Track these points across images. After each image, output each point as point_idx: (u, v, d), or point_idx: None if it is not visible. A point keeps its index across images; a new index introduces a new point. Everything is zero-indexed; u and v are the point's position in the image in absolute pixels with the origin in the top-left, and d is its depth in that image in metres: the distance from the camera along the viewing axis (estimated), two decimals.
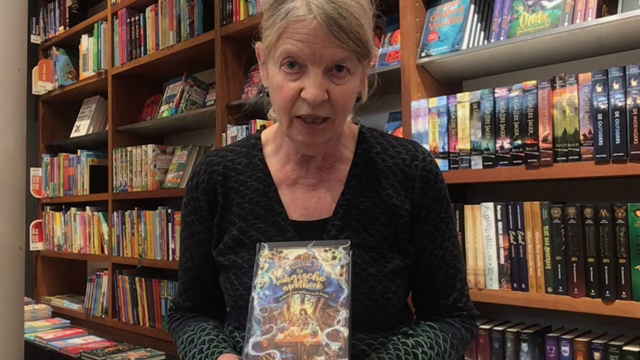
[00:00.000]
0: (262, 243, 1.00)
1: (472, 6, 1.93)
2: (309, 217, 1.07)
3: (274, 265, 0.97)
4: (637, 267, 1.50)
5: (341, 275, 0.94)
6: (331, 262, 0.95)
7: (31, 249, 3.82)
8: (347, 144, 1.11)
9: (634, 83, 1.50)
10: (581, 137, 1.59)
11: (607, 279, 1.54)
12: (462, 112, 1.83)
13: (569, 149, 1.61)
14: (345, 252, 0.96)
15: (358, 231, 1.05)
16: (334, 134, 1.02)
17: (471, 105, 1.81)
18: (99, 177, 3.46)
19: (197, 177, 1.13)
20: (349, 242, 0.97)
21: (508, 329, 1.75)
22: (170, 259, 2.87)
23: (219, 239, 1.10)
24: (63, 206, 3.73)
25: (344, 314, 0.91)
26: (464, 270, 1.13)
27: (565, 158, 1.61)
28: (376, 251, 1.04)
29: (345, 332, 0.89)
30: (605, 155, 1.54)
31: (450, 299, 1.10)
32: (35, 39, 3.93)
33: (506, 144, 1.73)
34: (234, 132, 2.53)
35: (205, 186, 1.11)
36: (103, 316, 3.32)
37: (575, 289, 1.59)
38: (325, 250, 0.97)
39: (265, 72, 1.05)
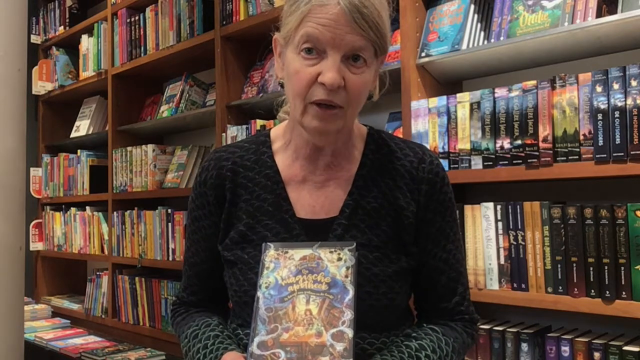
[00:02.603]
0: (268, 243, 1.00)
1: (472, 6, 1.93)
2: (316, 216, 1.07)
3: (280, 265, 0.97)
4: (637, 267, 1.50)
5: (346, 276, 0.94)
6: (336, 263, 0.96)
7: (31, 249, 3.81)
8: (356, 144, 1.12)
9: (634, 83, 1.50)
10: (581, 137, 1.59)
11: (607, 279, 1.54)
12: (462, 112, 1.83)
13: (569, 149, 1.61)
14: (350, 254, 0.96)
15: (363, 231, 1.05)
16: (345, 125, 1.03)
17: (471, 105, 1.81)
18: (99, 177, 3.46)
19: (205, 172, 1.13)
20: (355, 244, 0.97)
21: (508, 329, 1.75)
22: (170, 259, 2.87)
23: (226, 234, 1.11)
24: (63, 206, 3.73)
25: (348, 315, 0.91)
26: (466, 275, 1.14)
27: (565, 158, 1.61)
28: (381, 251, 1.05)
29: (349, 333, 0.90)
30: (605, 155, 1.54)
31: (453, 302, 1.10)
32: (35, 39, 3.93)
33: (506, 144, 1.73)
34: (234, 132, 2.53)
35: (214, 181, 1.12)
36: (103, 316, 3.32)
37: (575, 289, 1.59)
38: (331, 252, 0.97)
39: (281, 63, 1.06)
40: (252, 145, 1.15)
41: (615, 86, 1.53)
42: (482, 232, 1.77)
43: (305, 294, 0.94)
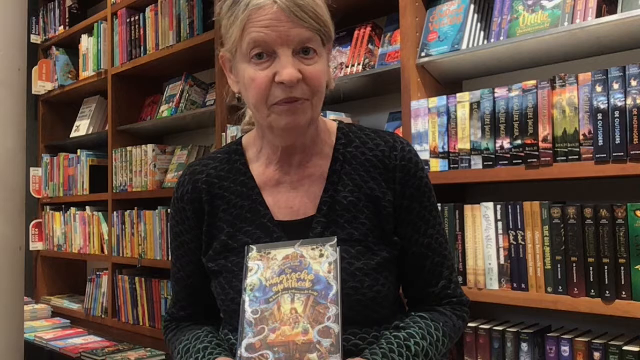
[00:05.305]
0: (251, 245, 1.01)
1: (472, 6, 1.93)
2: (295, 217, 1.08)
3: (263, 266, 0.98)
4: (637, 267, 1.50)
5: (329, 272, 0.95)
6: (319, 260, 0.96)
7: (31, 249, 3.82)
8: (327, 139, 1.13)
9: (634, 83, 1.50)
10: (581, 137, 1.59)
11: (607, 279, 1.54)
12: (462, 112, 1.83)
13: (569, 149, 1.61)
14: (332, 250, 0.97)
15: (343, 226, 1.05)
16: (313, 116, 1.03)
17: (471, 105, 1.81)
18: (99, 177, 3.46)
19: (181, 188, 1.14)
20: (336, 240, 0.98)
21: (508, 329, 1.75)
22: (170, 258, 2.87)
23: (209, 246, 1.11)
24: (63, 206, 3.73)
25: (334, 310, 0.92)
26: (451, 258, 1.14)
27: (565, 158, 1.61)
28: (362, 245, 1.05)
29: (336, 328, 0.90)
30: (605, 155, 1.54)
31: (439, 287, 1.10)
32: (35, 39, 3.93)
33: (506, 144, 1.73)
34: (234, 132, 2.53)
35: (191, 196, 1.13)
36: (103, 316, 3.32)
37: (575, 289, 1.59)
38: (313, 249, 0.98)
39: (234, 77, 1.07)
40: (225, 155, 1.16)
41: (615, 86, 1.53)
42: (482, 232, 1.77)
43: (289, 293, 0.94)
